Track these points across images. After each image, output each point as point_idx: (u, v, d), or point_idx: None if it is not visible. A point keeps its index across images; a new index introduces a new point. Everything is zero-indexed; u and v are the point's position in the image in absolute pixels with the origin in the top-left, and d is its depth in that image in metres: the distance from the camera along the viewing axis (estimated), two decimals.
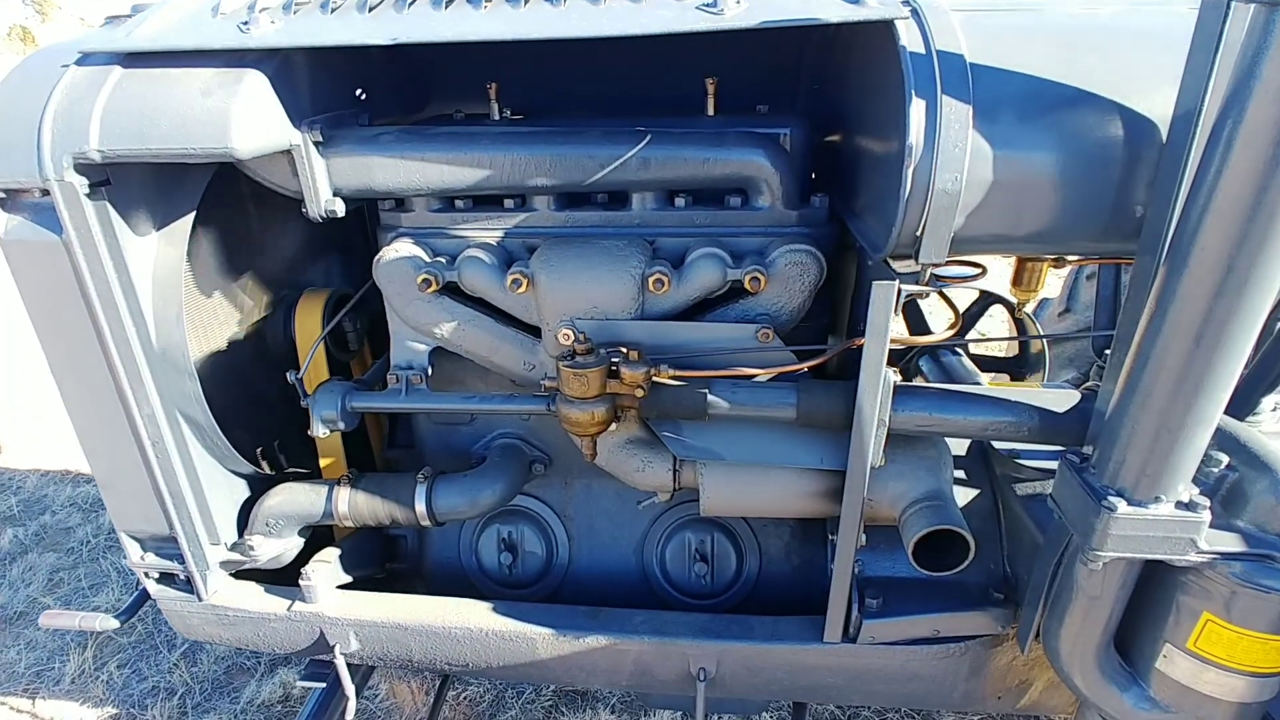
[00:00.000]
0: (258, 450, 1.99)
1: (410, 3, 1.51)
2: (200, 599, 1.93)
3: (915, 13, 1.29)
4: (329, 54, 1.64)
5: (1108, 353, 2.16)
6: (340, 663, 1.95)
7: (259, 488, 1.99)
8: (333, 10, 1.52)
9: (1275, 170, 0.92)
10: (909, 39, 1.25)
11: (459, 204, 1.70)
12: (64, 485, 4.48)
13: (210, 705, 3.12)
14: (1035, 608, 1.53)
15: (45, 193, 1.46)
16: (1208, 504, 1.19)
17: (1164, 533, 1.20)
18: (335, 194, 1.64)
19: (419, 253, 1.67)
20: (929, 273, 1.34)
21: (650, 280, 1.55)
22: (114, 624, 2.06)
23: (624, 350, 1.51)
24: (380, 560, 2.22)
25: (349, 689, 2.00)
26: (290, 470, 2.12)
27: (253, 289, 1.96)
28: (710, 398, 1.52)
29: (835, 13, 1.29)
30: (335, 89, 1.73)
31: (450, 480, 1.85)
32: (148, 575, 1.96)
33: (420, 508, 1.81)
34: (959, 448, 1.87)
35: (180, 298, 1.64)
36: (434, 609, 1.86)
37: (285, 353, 2.06)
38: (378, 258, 1.68)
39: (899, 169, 1.25)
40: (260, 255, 1.98)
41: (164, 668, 3.28)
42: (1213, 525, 1.21)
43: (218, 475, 1.89)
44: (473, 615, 1.84)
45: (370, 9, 1.51)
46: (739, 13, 1.35)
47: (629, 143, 1.56)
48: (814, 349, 1.57)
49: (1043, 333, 2.46)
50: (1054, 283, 2.89)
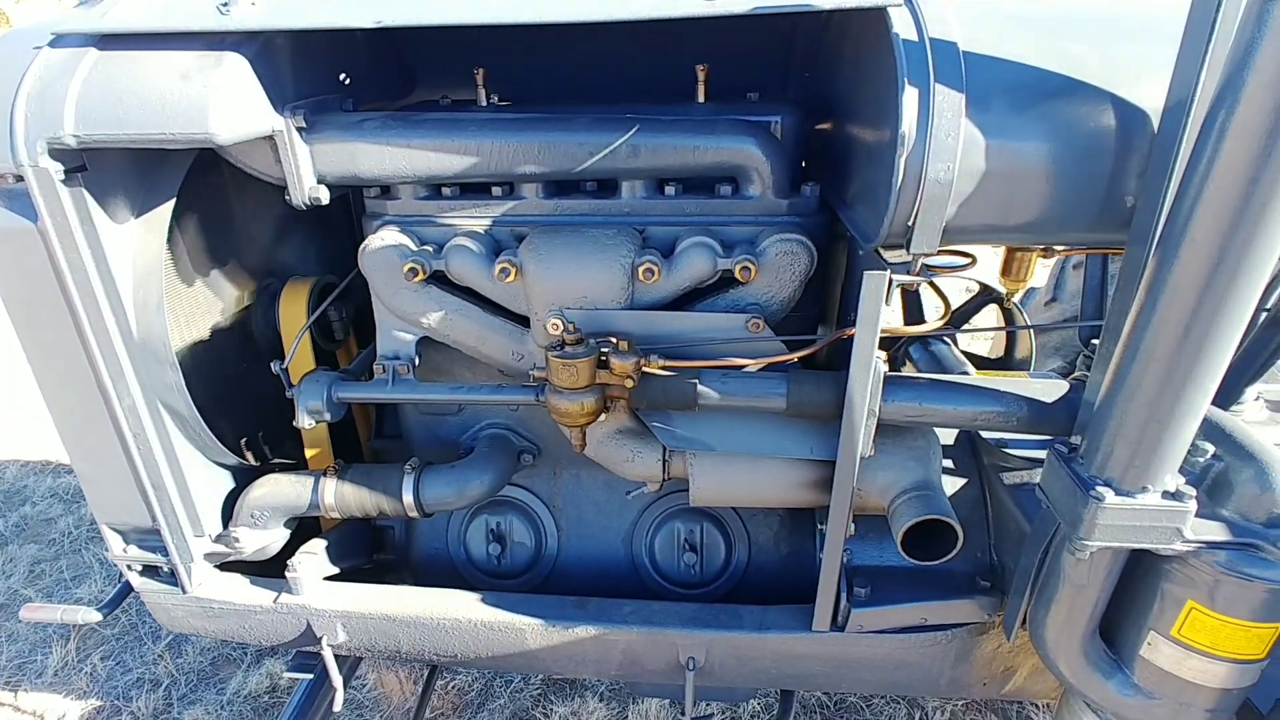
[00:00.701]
0: (242, 441, 1.96)
1: None
2: (184, 591, 1.91)
3: (908, 0, 1.28)
4: (312, 37, 1.61)
5: (1095, 342, 2.19)
6: (328, 654, 1.93)
7: (243, 479, 1.97)
8: None
9: (1267, 161, 0.92)
10: (902, 26, 1.24)
11: (446, 191, 1.68)
12: (44, 476, 4.42)
13: (196, 697, 3.10)
14: (1022, 595, 1.54)
15: (19, 179, 1.42)
16: (1194, 494, 1.20)
17: (1151, 522, 1.21)
18: (319, 181, 1.61)
19: (405, 241, 1.64)
20: (920, 263, 1.34)
21: (640, 269, 1.54)
22: (96, 617, 2.03)
23: (614, 340, 1.50)
24: (367, 551, 2.20)
25: (336, 680, 1.99)
26: (275, 461, 2.10)
27: (236, 277, 1.93)
28: (700, 388, 1.51)
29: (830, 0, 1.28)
30: (318, 73, 1.69)
31: (438, 471, 1.83)
32: (130, 568, 1.94)
33: (408, 499, 1.79)
34: (946, 437, 1.87)
35: (161, 286, 1.61)
36: (422, 600, 1.85)
37: (269, 342, 2.03)
38: (363, 246, 1.65)
39: (891, 158, 1.24)
40: (243, 243, 1.95)
41: (148, 659, 3.26)
42: (1198, 514, 1.22)
43: (201, 467, 1.86)
44: (461, 606, 1.83)
45: None
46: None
47: (618, 130, 1.54)
48: (804, 339, 1.56)
49: (1030, 323, 2.47)
50: (1040, 272, 2.91)
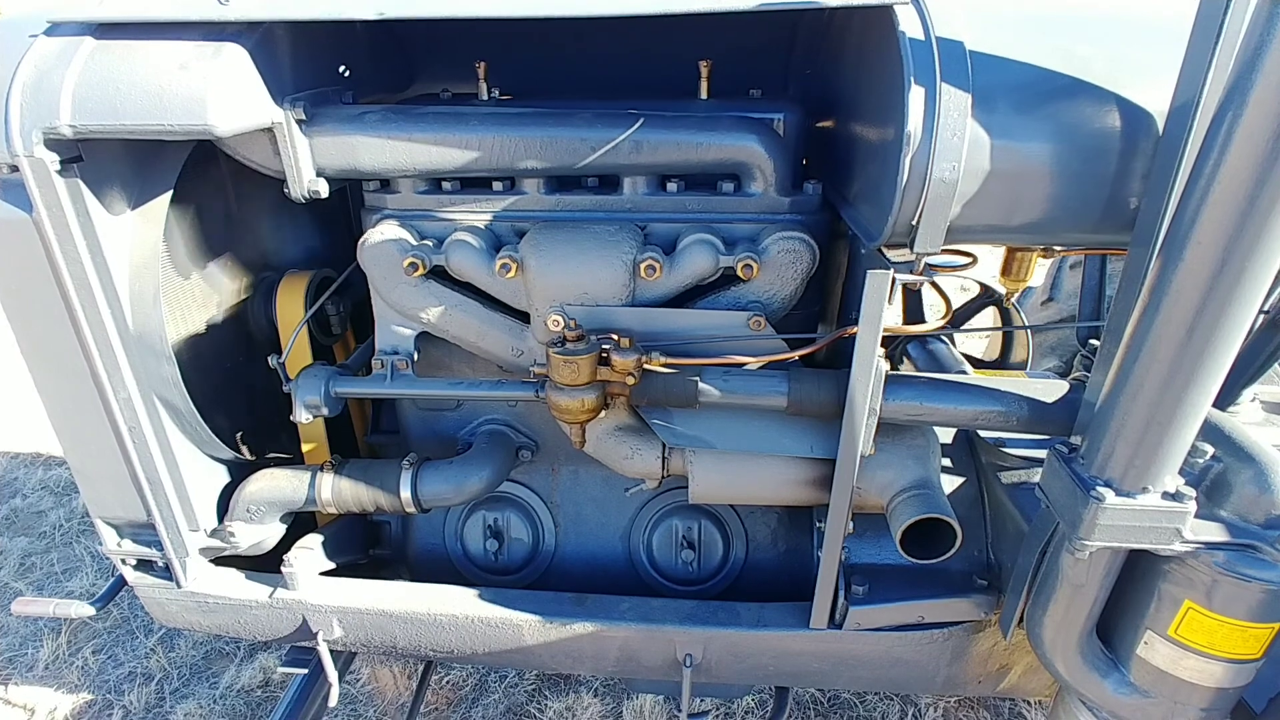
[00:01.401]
0: (237, 435, 1.95)
1: None
2: (179, 586, 1.89)
3: None
4: (312, 28, 1.59)
5: (1093, 342, 2.20)
6: (323, 650, 1.93)
7: (239, 474, 1.95)
8: None
9: (1274, 164, 0.92)
10: (908, 25, 1.24)
11: (446, 186, 1.67)
12: (35, 468, 4.38)
13: (189, 691, 3.09)
14: (1019, 594, 1.54)
15: (14, 169, 1.40)
16: (1194, 494, 1.21)
17: (1150, 523, 1.21)
18: (318, 174, 1.59)
19: (405, 235, 1.63)
20: (923, 262, 1.34)
21: (642, 266, 1.53)
22: (90, 611, 2.02)
23: (615, 337, 1.50)
24: (363, 547, 2.19)
25: (332, 675, 1.98)
26: (271, 456, 2.09)
27: (232, 270, 1.91)
28: (701, 385, 1.51)
29: None
30: (318, 65, 1.68)
31: (436, 467, 1.82)
32: (124, 562, 1.92)
33: (405, 494, 1.79)
34: (944, 435, 1.88)
35: (158, 279, 1.59)
36: (419, 596, 1.84)
37: (266, 336, 2.02)
38: (362, 240, 1.64)
39: (896, 157, 1.23)
40: (240, 236, 1.93)
41: (140, 653, 3.24)
42: (1197, 515, 1.23)
43: (196, 461, 1.84)
44: (458, 602, 1.83)
45: None
46: None
47: (621, 126, 1.53)
48: (805, 337, 1.56)
49: (1027, 323, 2.47)
50: (1038, 272, 2.91)
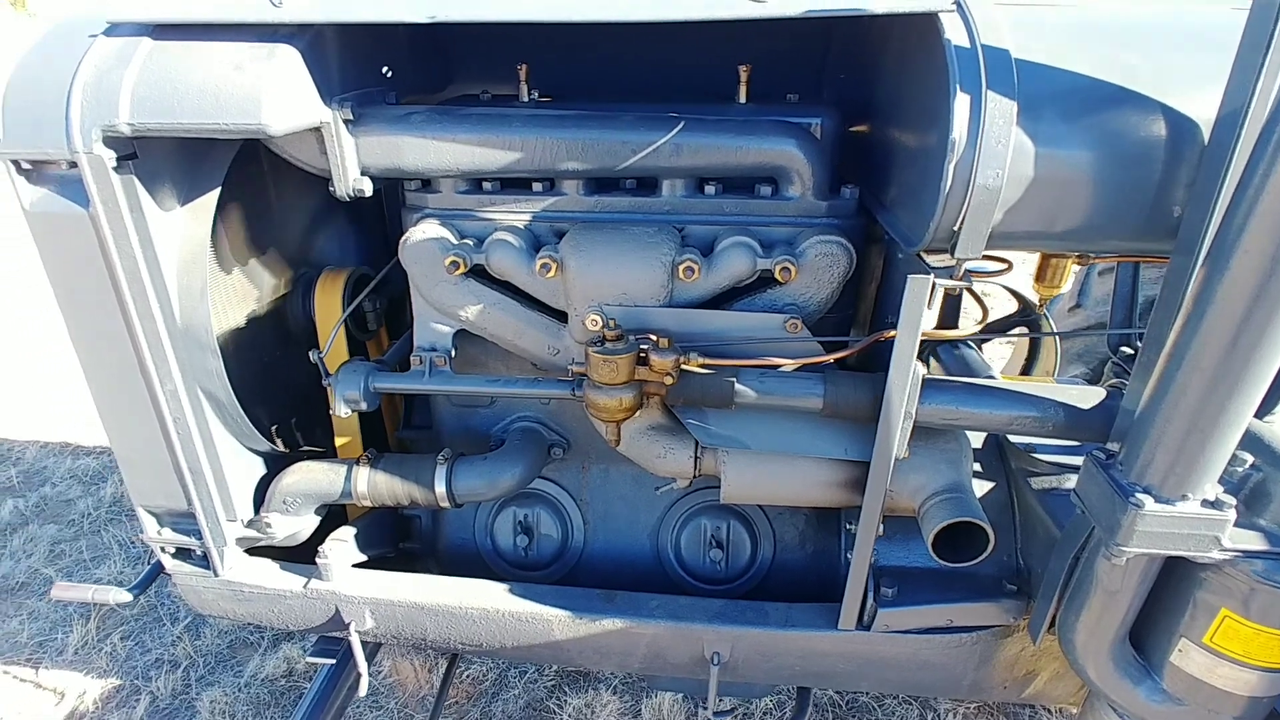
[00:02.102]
0: (273, 428, 1.99)
1: None
2: (216, 575, 1.93)
3: (960, 6, 1.29)
4: (359, 30, 1.62)
5: (1124, 350, 2.20)
6: (355, 641, 1.96)
7: (274, 466, 1.99)
8: None
9: None
10: (953, 32, 1.25)
11: (486, 186, 1.69)
12: (64, 457, 4.46)
13: (214, 678, 3.14)
14: (1049, 600, 1.55)
15: (73, 165, 1.44)
16: (1234, 503, 1.21)
17: (1190, 530, 1.22)
18: (363, 173, 1.62)
19: (446, 234, 1.66)
20: (963, 268, 1.35)
21: (680, 268, 1.55)
22: (126, 598, 2.06)
23: (653, 337, 1.52)
24: (393, 540, 2.22)
25: (362, 666, 2.01)
26: (305, 449, 2.12)
27: (273, 266, 1.95)
28: (738, 386, 1.53)
29: (880, 4, 1.28)
30: (363, 66, 1.71)
31: (470, 462, 1.85)
32: (163, 550, 1.96)
33: (440, 489, 1.81)
34: (974, 440, 1.88)
35: (205, 274, 1.63)
36: (451, 589, 1.87)
37: (304, 330, 2.05)
38: (404, 238, 1.67)
39: (939, 163, 1.25)
40: (280, 232, 1.97)
41: (167, 640, 3.30)
42: (1236, 524, 1.23)
43: (235, 452, 1.88)
44: (489, 596, 1.85)
45: None
46: (781, 1, 1.34)
47: (662, 128, 1.55)
48: (841, 340, 1.58)
49: (1055, 329, 2.47)
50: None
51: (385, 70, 1.82)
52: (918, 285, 1.32)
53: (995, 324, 2.53)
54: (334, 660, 2.24)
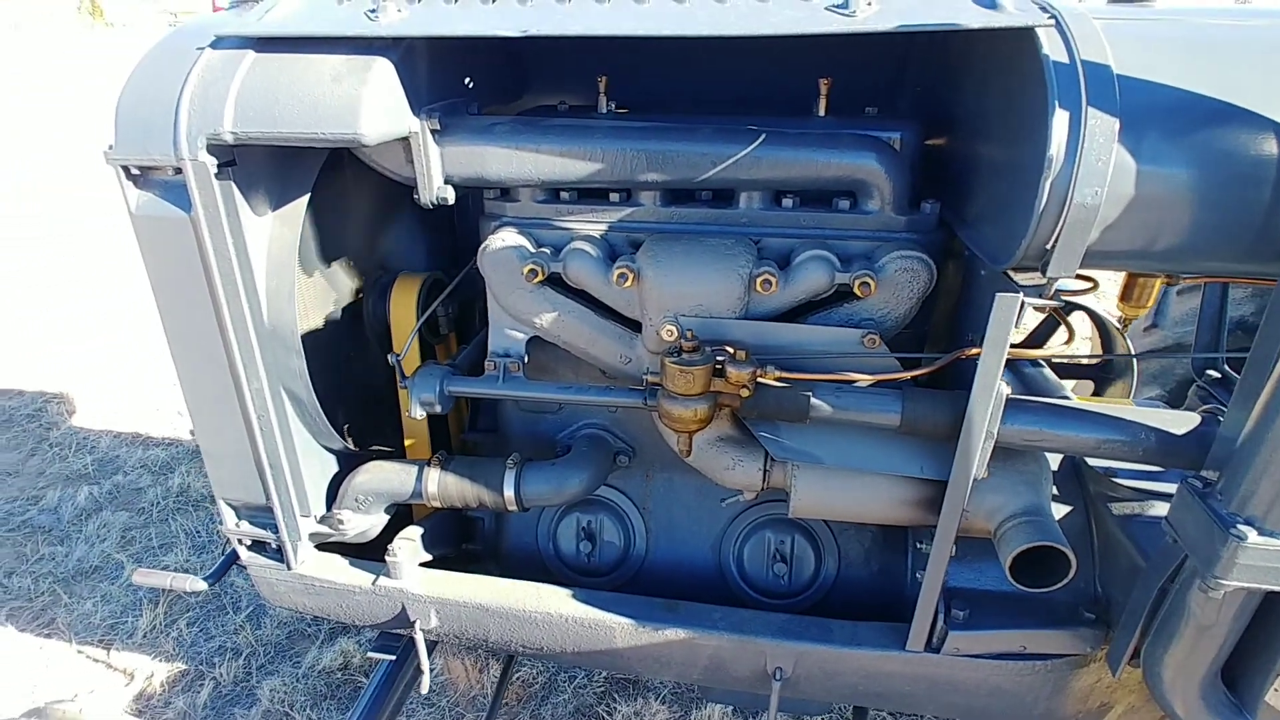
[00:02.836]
0: (345, 427, 2.04)
1: None
2: (289, 568, 1.99)
3: (1057, 20, 1.26)
4: (446, 42, 1.66)
5: (1210, 374, 2.12)
6: (419, 639, 1.99)
7: (346, 464, 2.05)
8: None
9: None
10: (1052, 47, 1.23)
11: (564, 196, 1.72)
12: (135, 447, 4.64)
13: (273, 668, 3.22)
14: (1132, 631, 1.50)
15: (177, 171, 1.51)
16: None
17: None
18: (446, 181, 1.66)
19: (524, 243, 1.69)
20: (1054, 287, 1.32)
21: (758, 280, 1.55)
22: (203, 586, 2.13)
23: (730, 349, 1.52)
24: (456, 540, 2.26)
25: (425, 664, 2.05)
26: (374, 448, 2.18)
27: (351, 270, 2.01)
28: (813, 401, 1.52)
29: (974, 18, 1.27)
30: (448, 77, 1.75)
31: (539, 467, 1.88)
32: (240, 542, 2.03)
33: (509, 493, 1.84)
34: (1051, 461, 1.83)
35: (293, 277, 1.69)
36: (516, 592, 1.90)
37: (377, 333, 2.11)
38: (484, 246, 1.71)
39: (1034, 180, 1.22)
40: (358, 237, 2.03)
41: (229, 628, 3.40)
42: None
43: (312, 450, 1.94)
44: (554, 601, 1.87)
45: None
46: (871, 15, 1.34)
47: (743, 141, 1.55)
48: (919, 357, 1.55)
49: (1134, 350, 2.40)
50: None
51: (467, 81, 1.86)
52: (1006, 304, 1.30)
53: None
54: (393, 656, 2.29)
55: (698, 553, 2.09)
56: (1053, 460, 1.83)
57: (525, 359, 1.81)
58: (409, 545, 1.98)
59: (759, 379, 1.50)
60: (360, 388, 2.09)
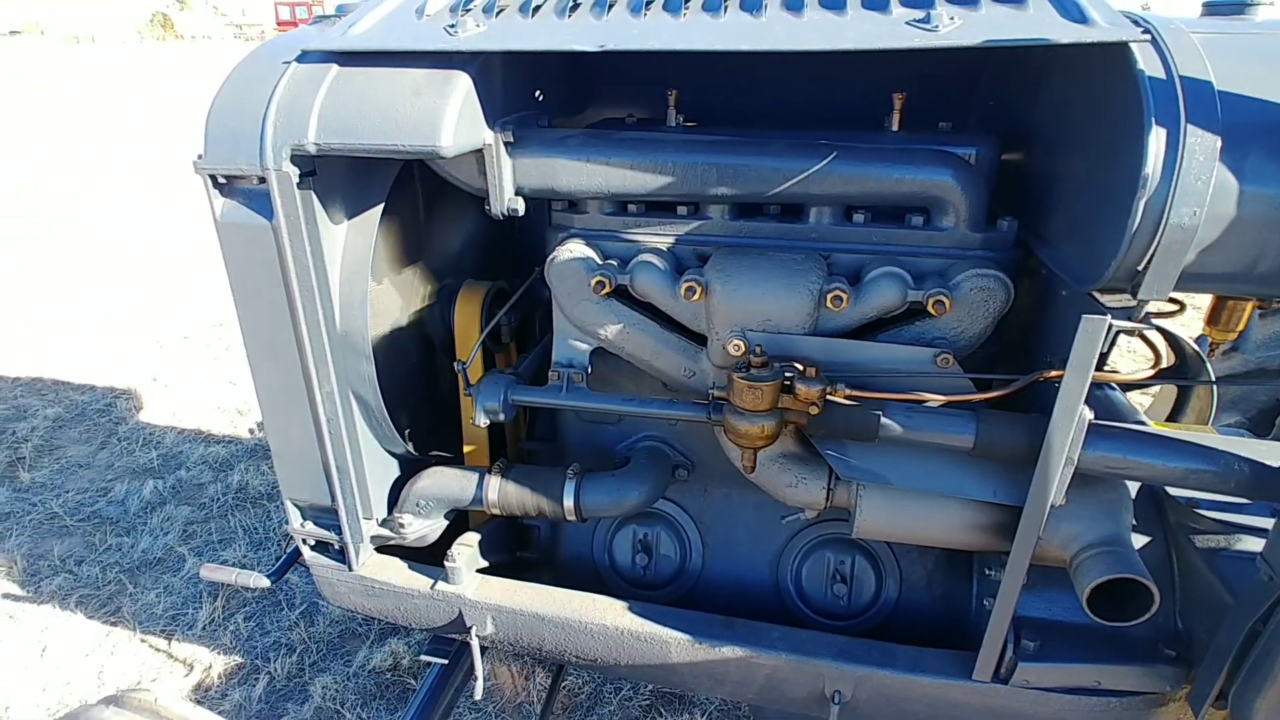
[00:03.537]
0: (406, 432, 2.08)
1: (609, 7, 1.53)
2: (350, 569, 2.02)
3: (1153, 35, 1.22)
4: (520, 57, 1.69)
5: None
6: (475, 645, 2.01)
7: (407, 469, 2.08)
8: (533, 13, 1.56)
9: None
10: (1147, 63, 1.19)
11: (631, 208, 1.73)
12: (197, 444, 4.80)
13: (325, 666, 3.28)
14: (1218, 671, 1.43)
15: (262, 180, 1.55)
16: None
17: None
18: (517, 192, 1.68)
19: (592, 254, 1.70)
20: (1144, 309, 1.27)
21: (828, 297, 1.53)
22: (265, 583, 2.19)
23: (799, 366, 1.50)
24: (511, 548, 2.28)
25: (480, 670, 2.06)
26: (434, 454, 2.21)
27: (418, 278, 2.05)
28: (884, 420, 1.49)
29: (1066, 34, 1.24)
30: (520, 90, 1.78)
31: (598, 479, 1.88)
32: (305, 542, 2.08)
33: (569, 503, 1.85)
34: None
35: (366, 284, 1.72)
36: (573, 603, 1.90)
37: (441, 341, 2.14)
38: (551, 257, 1.72)
39: (1126, 199, 1.18)
40: (425, 246, 2.07)
41: (284, 625, 3.48)
42: None
43: (376, 454, 1.98)
44: (610, 613, 1.86)
45: (569, 13, 1.54)
46: (954, 29, 1.31)
47: (815, 156, 1.54)
48: (994, 378, 1.51)
49: (1215, 375, 2.29)
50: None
51: (537, 94, 1.88)
52: (1092, 326, 1.25)
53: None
54: (446, 660, 2.31)
55: (755, 570, 2.07)
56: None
57: (589, 370, 1.81)
58: (467, 551, 2.00)
59: (829, 396, 1.48)
60: (422, 393, 2.12)
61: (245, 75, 1.60)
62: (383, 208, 1.77)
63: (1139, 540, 1.71)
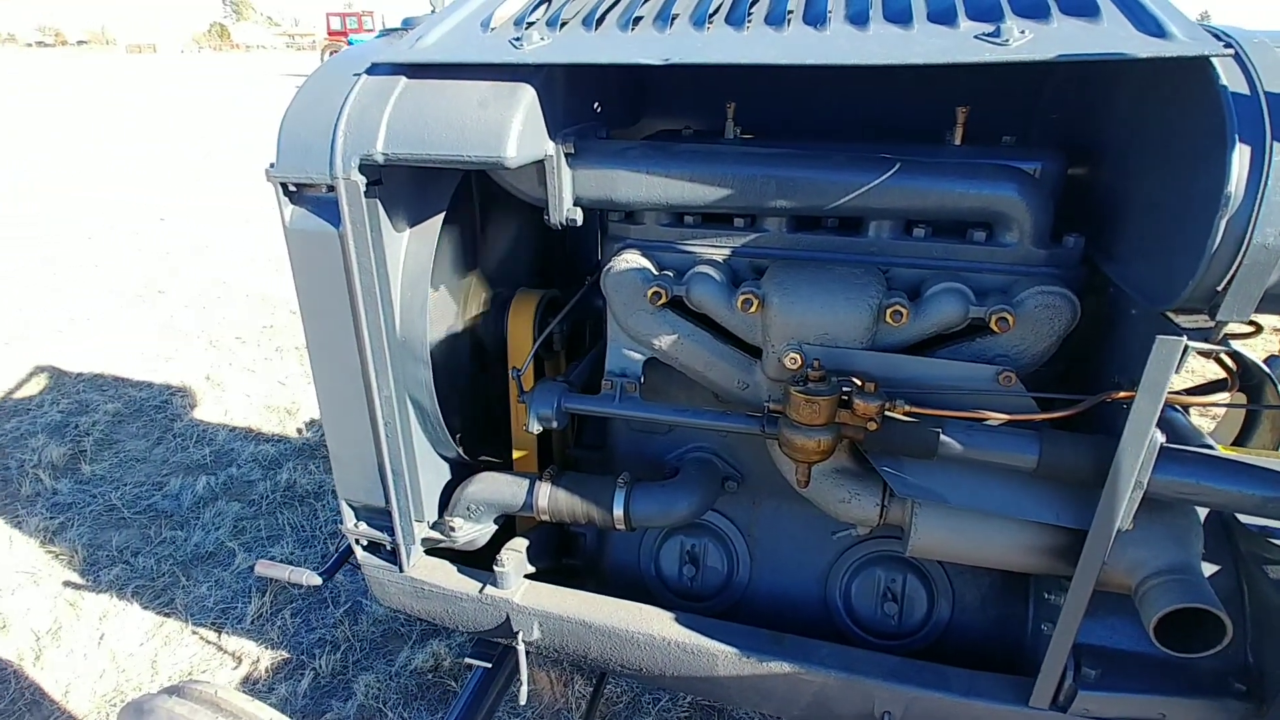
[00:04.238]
0: (457, 436, 2.11)
1: (671, 20, 1.55)
2: (401, 570, 2.06)
3: (1235, 49, 1.19)
4: (583, 69, 1.71)
5: None
6: (521, 650, 2.02)
7: (458, 473, 2.11)
8: (596, 26, 1.59)
9: None
10: (1230, 78, 1.16)
11: (688, 220, 1.73)
12: (248, 442, 4.93)
13: (368, 664, 3.34)
14: None
15: (330, 189, 1.60)
16: None
17: None
18: (575, 203, 1.70)
19: (648, 265, 1.71)
20: (1222, 331, 1.23)
21: (888, 311, 1.52)
22: (317, 581, 2.23)
23: (857, 381, 1.49)
24: (557, 555, 2.29)
25: (524, 674, 2.08)
26: (484, 459, 2.24)
27: (474, 286, 2.09)
28: (943, 438, 1.47)
29: (1144, 48, 1.21)
30: (581, 102, 1.80)
31: (648, 488, 1.88)
32: (358, 542, 2.12)
33: (619, 512, 1.85)
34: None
35: (426, 291, 1.76)
36: (620, 612, 1.90)
37: (493, 347, 2.17)
38: (607, 267, 1.73)
39: (1206, 218, 1.15)
40: (482, 254, 2.10)
41: (329, 622, 3.55)
42: None
43: (430, 458, 2.01)
44: (657, 623, 1.86)
45: (632, 27, 1.56)
46: (1025, 43, 1.30)
47: (876, 170, 1.53)
48: (1059, 398, 1.48)
49: None
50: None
51: (596, 106, 1.91)
52: (1167, 347, 1.22)
53: (1202, 387, 2.30)
54: (489, 664, 2.33)
55: (803, 585, 2.05)
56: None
57: (642, 380, 1.82)
58: (516, 557, 2.02)
59: (887, 412, 1.47)
60: (474, 399, 2.15)
61: (317, 87, 1.65)
62: (443, 216, 1.81)
63: (1207, 569, 1.65)
